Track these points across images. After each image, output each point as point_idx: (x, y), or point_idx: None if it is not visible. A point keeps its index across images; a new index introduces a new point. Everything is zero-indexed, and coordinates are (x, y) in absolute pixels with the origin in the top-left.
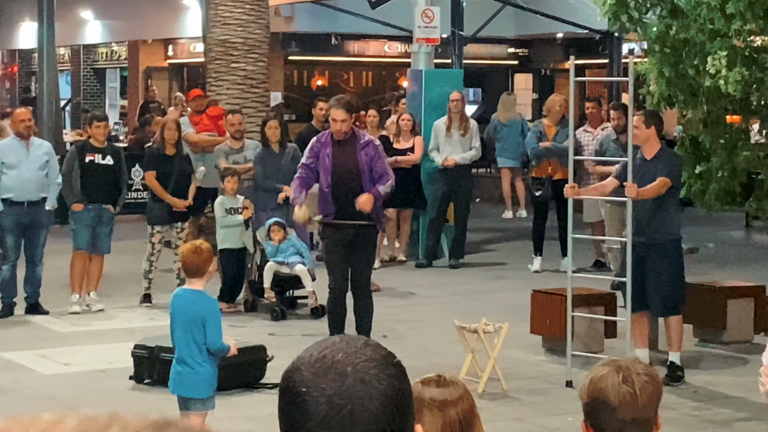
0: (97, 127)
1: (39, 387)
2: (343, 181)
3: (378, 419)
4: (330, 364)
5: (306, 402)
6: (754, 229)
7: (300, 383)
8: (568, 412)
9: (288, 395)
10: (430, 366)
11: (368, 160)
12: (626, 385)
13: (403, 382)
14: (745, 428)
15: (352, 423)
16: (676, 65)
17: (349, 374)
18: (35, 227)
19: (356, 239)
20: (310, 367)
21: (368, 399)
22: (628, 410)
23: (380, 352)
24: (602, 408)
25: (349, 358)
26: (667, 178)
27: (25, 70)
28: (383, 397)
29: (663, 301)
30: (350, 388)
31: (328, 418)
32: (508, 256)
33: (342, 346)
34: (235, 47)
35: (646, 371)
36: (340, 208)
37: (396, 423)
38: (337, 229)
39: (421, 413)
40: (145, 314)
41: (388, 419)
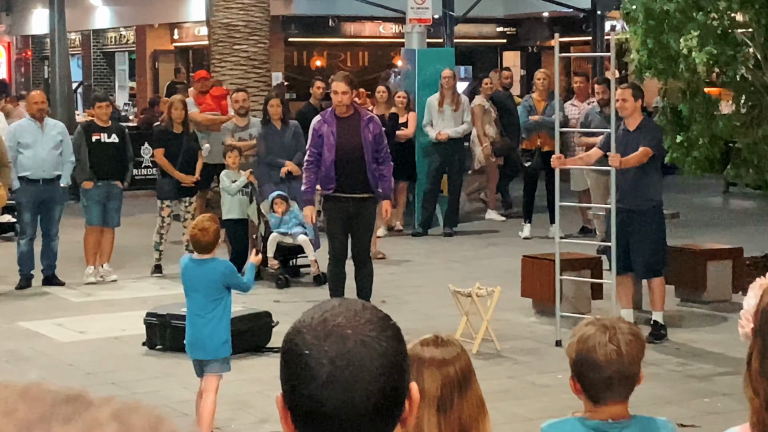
0: (100, 108)
1: (57, 354)
2: (346, 158)
3: (378, 379)
4: (331, 327)
5: (309, 364)
6: (731, 194)
7: (302, 346)
8: (558, 370)
9: (290, 358)
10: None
11: (372, 137)
12: (612, 344)
13: (400, 343)
14: (725, 382)
15: (354, 383)
16: (658, 36)
17: (349, 337)
18: (50, 203)
19: (356, 211)
20: (312, 330)
21: (369, 360)
22: (613, 367)
23: (378, 314)
24: (589, 365)
25: (349, 321)
26: (649, 148)
27: (39, 55)
28: (383, 358)
29: (646, 264)
30: (351, 350)
31: (330, 379)
32: (499, 224)
33: (341, 309)
34: (238, 30)
35: (631, 330)
36: (342, 182)
37: (394, 381)
38: (339, 201)
39: (421, 372)
40: (156, 284)
41: (388, 378)
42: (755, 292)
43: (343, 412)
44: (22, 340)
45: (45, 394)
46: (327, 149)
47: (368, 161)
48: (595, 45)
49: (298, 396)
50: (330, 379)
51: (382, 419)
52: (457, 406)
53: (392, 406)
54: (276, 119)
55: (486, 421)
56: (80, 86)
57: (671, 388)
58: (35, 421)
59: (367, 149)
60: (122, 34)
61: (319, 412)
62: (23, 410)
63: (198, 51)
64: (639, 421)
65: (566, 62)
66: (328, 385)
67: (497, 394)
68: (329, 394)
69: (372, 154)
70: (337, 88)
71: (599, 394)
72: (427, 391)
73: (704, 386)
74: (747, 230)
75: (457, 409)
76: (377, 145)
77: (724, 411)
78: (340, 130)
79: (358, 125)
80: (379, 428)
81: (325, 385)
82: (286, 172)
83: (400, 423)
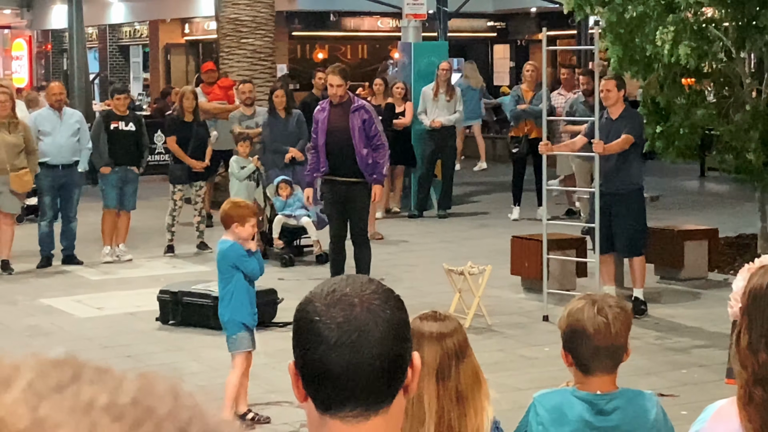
0: (118, 99)
1: (75, 329)
2: (335, 141)
3: (382, 343)
4: (339, 296)
5: (319, 329)
6: (707, 179)
7: (313, 313)
8: (545, 343)
9: (302, 324)
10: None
11: (360, 122)
12: (600, 316)
13: (403, 312)
14: (701, 354)
15: (360, 346)
16: (627, 44)
17: (356, 304)
18: (69, 187)
19: (349, 194)
20: (322, 299)
21: (374, 325)
22: (602, 338)
23: (382, 287)
24: (579, 337)
25: (356, 291)
26: (630, 135)
27: (58, 48)
28: (387, 324)
29: (627, 244)
30: (358, 316)
31: (338, 342)
32: (490, 207)
33: (349, 282)
34: (245, 24)
35: (618, 304)
36: (333, 165)
37: (397, 347)
38: (332, 185)
39: (421, 345)
40: (168, 263)
41: (391, 343)
42: (743, 275)
43: (351, 373)
44: (43, 315)
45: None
46: (320, 133)
47: (357, 147)
48: (580, 38)
49: (309, 360)
50: (338, 343)
51: (387, 382)
52: (455, 376)
53: (396, 370)
54: (280, 109)
55: (482, 389)
56: (97, 77)
57: (651, 360)
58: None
59: (354, 135)
60: (136, 29)
61: (328, 374)
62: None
63: (207, 44)
64: (626, 393)
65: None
66: (336, 349)
67: (488, 366)
68: (337, 356)
69: (363, 141)
70: (332, 81)
71: (588, 364)
72: (426, 361)
73: (682, 358)
74: (722, 212)
75: (454, 378)
76: (368, 132)
77: (700, 381)
78: (331, 116)
79: (347, 111)
80: (384, 390)
81: (334, 348)
82: (290, 158)
83: (403, 390)
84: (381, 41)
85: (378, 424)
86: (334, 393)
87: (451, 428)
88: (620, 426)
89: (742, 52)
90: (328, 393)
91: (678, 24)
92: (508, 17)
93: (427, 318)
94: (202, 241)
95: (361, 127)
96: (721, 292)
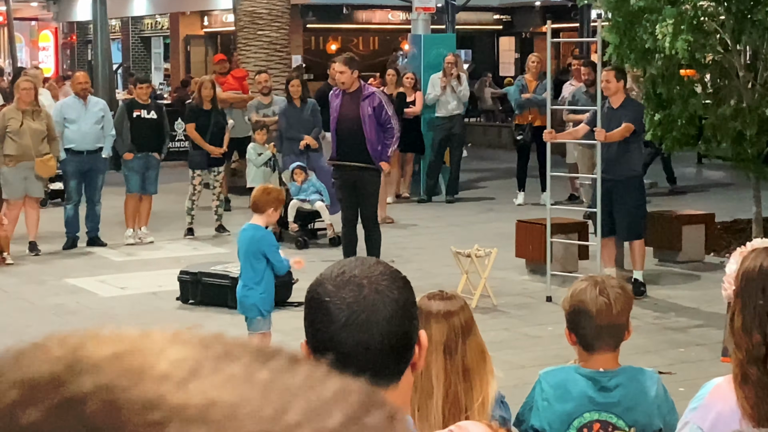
0: (141, 88)
1: (99, 307)
2: (346, 127)
3: (390, 322)
4: (349, 278)
5: (329, 309)
6: (704, 166)
7: (324, 294)
8: (549, 322)
9: (313, 305)
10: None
11: (371, 110)
12: (602, 296)
13: (410, 293)
14: (698, 333)
15: (369, 325)
16: (626, 32)
17: (365, 286)
18: (93, 172)
19: (360, 180)
20: (332, 281)
21: (382, 305)
22: (604, 317)
23: (390, 269)
24: (582, 316)
25: (365, 273)
26: (631, 124)
27: (82, 40)
28: (394, 304)
29: (628, 228)
30: (366, 297)
31: (348, 322)
32: (496, 192)
33: (358, 264)
34: (261, 17)
35: (619, 285)
36: (343, 150)
37: (404, 326)
38: (342, 170)
39: (429, 322)
40: (188, 245)
41: (398, 322)
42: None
43: (360, 351)
44: (68, 295)
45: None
46: (332, 119)
47: (367, 134)
48: (582, 31)
49: (320, 339)
50: (348, 322)
51: (395, 359)
52: (461, 351)
53: (403, 347)
54: (296, 98)
55: (486, 365)
56: (120, 68)
57: (650, 339)
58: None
59: (365, 123)
60: (157, 21)
61: (338, 352)
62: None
63: (225, 36)
64: (628, 370)
65: (555, 47)
66: (346, 328)
67: (494, 345)
68: (347, 335)
69: (374, 128)
70: (336, 68)
71: (591, 342)
72: (434, 338)
73: (679, 337)
74: (718, 198)
75: (461, 354)
76: (379, 118)
77: (697, 359)
78: (343, 104)
79: (358, 99)
80: (392, 367)
81: (344, 327)
82: (305, 145)
83: (411, 367)
84: (391, 33)
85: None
86: (345, 372)
87: (458, 401)
88: (622, 402)
89: (738, 45)
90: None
91: (677, 17)
92: (514, 10)
93: (434, 297)
94: (221, 224)
95: (371, 114)
96: (717, 274)
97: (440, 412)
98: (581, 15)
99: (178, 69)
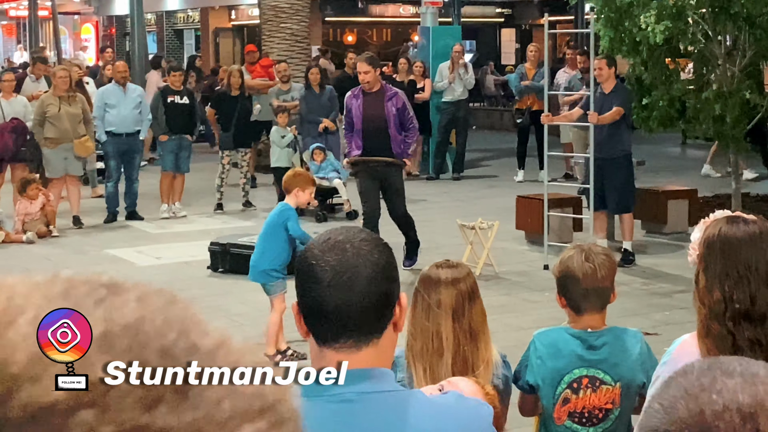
0: (174, 76)
1: (137, 276)
2: (372, 128)
3: (370, 282)
4: (333, 243)
5: (315, 271)
6: (687, 145)
7: (311, 258)
8: (545, 288)
9: (302, 268)
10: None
11: (395, 110)
12: (588, 262)
13: (390, 257)
14: (681, 298)
15: (351, 285)
16: (617, 26)
17: (348, 249)
18: (131, 153)
19: (384, 174)
20: (318, 246)
21: (363, 267)
22: (589, 281)
23: (372, 235)
24: (570, 281)
25: (348, 239)
26: (621, 108)
27: (121, 32)
28: (375, 266)
29: (618, 202)
30: (349, 259)
31: (332, 282)
32: (498, 170)
33: (342, 231)
34: (283, 11)
35: (603, 251)
36: (369, 146)
37: (384, 286)
38: (367, 164)
39: (438, 288)
40: (218, 219)
41: (379, 283)
42: (700, 227)
43: (343, 309)
44: (108, 264)
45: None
46: (356, 120)
47: (392, 132)
48: (577, 23)
49: (308, 299)
50: (332, 283)
51: (376, 317)
52: (468, 315)
53: (384, 307)
54: (315, 84)
55: (487, 326)
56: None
57: (637, 303)
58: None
59: (390, 121)
60: (189, 15)
61: (323, 311)
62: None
63: (251, 28)
64: (613, 330)
65: (552, 37)
66: (330, 288)
67: (495, 308)
68: (332, 294)
69: (397, 126)
70: (360, 68)
71: (579, 304)
72: (444, 303)
73: (664, 301)
74: (700, 175)
75: (467, 317)
76: (402, 117)
77: (680, 321)
78: (366, 103)
79: (382, 100)
80: (373, 324)
81: (328, 287)
82: (323, 128)
83: (393, 326)
84: (402, 25)
85: (369, 353)
86: (329, 327)
87: (466, 360)
88: (608, 359)
89: (718, 36)
90: (324, 328)
91: (659, 9)
92: (514, 4)
93: (442, 266)
94: (247, 200)
95: (395, 114)
96: None
97: (450, 370)
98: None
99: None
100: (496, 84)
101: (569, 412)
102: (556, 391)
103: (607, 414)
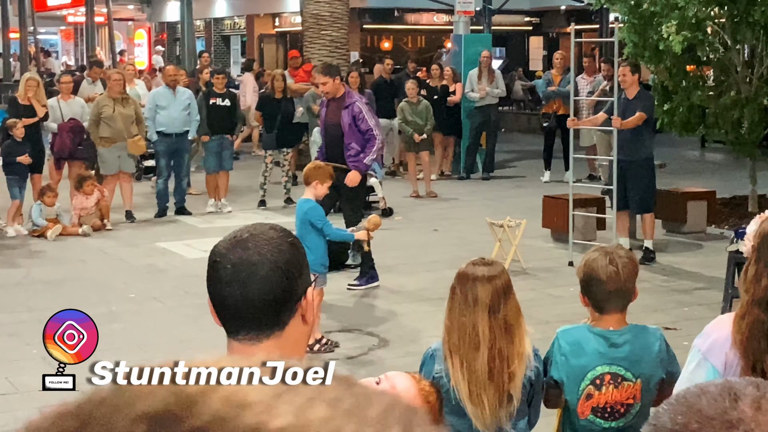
0: (217, 79)
1: (185, 267)
2: (330, 133)
3: (267, 280)
4: (238, 241)
5: (218, 269)
6: (706, 149)
7: (217, 254)
8: (570, 284)
9: (209, 265)
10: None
11: (350, 119)
12: (612, 265)
13: (295, 255)
14: (700, 294)
15: (248, 283)
16: (642, 33)
17: (250, 248)
18: (181, 152)
19: (341, 182)
20: (225, 244)
21: (260, 266)
22: (613, 283)
23: (279, 234)
24: (594, 282)
25: (253, 238)
26: (644, 113)
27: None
28: (272, 265)
29: (640, 202)
30: (249, 258)
31: (231, 279)
32: (525, 171)
33: (251, 229)
34: (324, 19)
35: (627, 254)
36: (329, 153)
37: (283, 284)
38: None
39: (475, 285)
40: (261, 214)
41: (277, 281)
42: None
43: (241, 305)
44: (158, 256)
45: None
46: (320, 126)
47: (346, 140)
48: (602, 32)
49: (213, 295)
50: (230, 279)
51: (274, 312)
52: (503, 310)
53: (283, 303)
54: (354, 88)
55: (522, 322)
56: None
57: (658, 299)
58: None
59: (345, 128)
60: (235, 21)
61: (225, 305)
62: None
63: (294, 35)
64: (634, 328)
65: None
66: (229, 285)
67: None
68: (230, 291)
69: (353, 135)
70: (318, 79)
71: (602, 305)
72: (480, 298)
73: (684, 298)
74: (719, 177)
75: (502, 312)
76: (359, 127)
77: (698, 317)
78: (329, 111)
79: (339, 108)
80: (272, 319)
81: (227, 285)
82: None
83: (302, 319)
84: (436, 33)
85: (269, 346)
86: (231, 321)
87: (501, 353)
88: (629, 356)
89: (737, 44)
90: (227, 321)
91: (679, 18)
92: (542, 13)
93: (477, 264)
94: (289, 197)
95: (351, 123)
96: (717, 243)
97: (485, 363)
98: (601, 17)
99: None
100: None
101: (592, 407)
102: (580, 387)
103: (628, 409)
